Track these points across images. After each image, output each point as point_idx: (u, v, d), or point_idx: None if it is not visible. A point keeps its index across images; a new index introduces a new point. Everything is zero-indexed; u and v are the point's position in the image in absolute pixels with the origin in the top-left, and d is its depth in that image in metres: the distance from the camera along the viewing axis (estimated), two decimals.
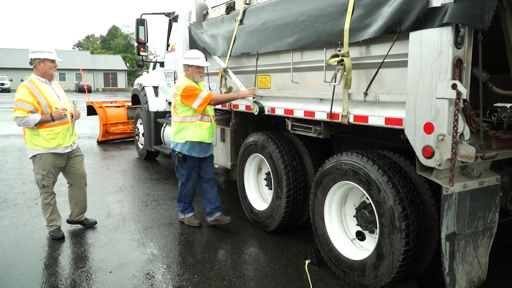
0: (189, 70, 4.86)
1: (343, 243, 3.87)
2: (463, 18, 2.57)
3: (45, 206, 4.75)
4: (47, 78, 4.56)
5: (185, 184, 5.09)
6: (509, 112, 2.92)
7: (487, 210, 3.08)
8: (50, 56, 4.49)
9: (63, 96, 4.75)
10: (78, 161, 4.92)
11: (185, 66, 4.88)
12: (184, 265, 4.15)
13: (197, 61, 4.84)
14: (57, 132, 4.54)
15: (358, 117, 3.47)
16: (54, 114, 4.45)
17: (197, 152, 4.92)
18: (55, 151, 4.59)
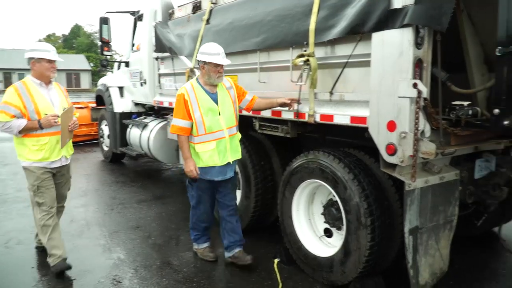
0: (204, 68, 3.80)
1: (311, 240, 3.93)
2: (423, 19, 2.67)
3: (43, 228, 3.93)
4: (44, 80, 3.87)
5: (195, 208, 4.19)
6: (466, 110, 3.05)
7: (447, 204, 3.20)
8: (46, 55, 3.82)
9: (61, 102, 3.99)
10: (61, 181, 4.15)
11: (200, 63, 3.83)
12: (152, 269, 4.10)
13: (216, 57, 3.74)
14: (44, 143, 3.83)
15: (324, 116, 3.54)
16: (42, 121, 3.74)
17: (212, 175, 3.90)
18: (40, 164, 3.88)
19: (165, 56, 6.25)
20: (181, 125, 3.79)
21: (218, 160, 3.83)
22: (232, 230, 4.13)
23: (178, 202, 6.27)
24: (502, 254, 4.35)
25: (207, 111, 3.77)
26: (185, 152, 3.85)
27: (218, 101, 3.83)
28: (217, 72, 3.77)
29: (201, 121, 3.76)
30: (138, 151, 7.61)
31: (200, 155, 3.82)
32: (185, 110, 3.76)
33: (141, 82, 7.33)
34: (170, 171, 8.61)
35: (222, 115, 3.83)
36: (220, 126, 3.81)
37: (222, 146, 3.84)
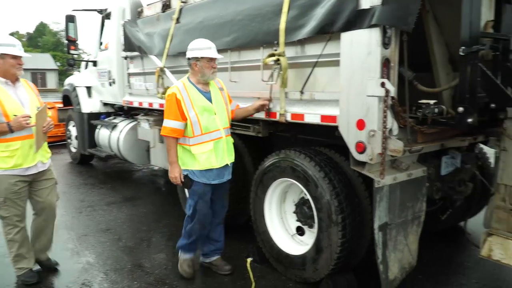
0: (197, 65, 3.55)
1: (283, 239, 3.95)
2: (390, 19, 2.72)
3: (9, 243, 3.67)
4: (9, 78, 3.48)
5: (191, 217, 3.77)
6: (432, 108, 3.14)
7: (415, 200, 3.28)
8: (11, 50, 3.40)
9: (31, 102, 3.58)
10: (44, 187, 3.75)
11: (192, 60, 3.58)
12: (123, 272, 4.03)
13: (209, 51, 3.55)
14: (15, 148, 3.43)
15: (295, 115, 3.56)
16: (13, 123, 3.33)
17: (209, 178, 3.66)
18: (12, 172, 3.47)
19: (134, 55, 6.15)
20: (174, 126, 3.54)
21: (215, 162, 3.61)
22: (215, 239, 3.99)
23: (149, 204, 6.19)
24: (468, 248, 4.49)
25: (202, 111, 3.55)
26: (172, 156, 3.61)
27: (212, 100, 3.63)
28: (211, 67, 3.57)
29: (197, 121, 3.53)
30: (107, 152, 7.47)
31: (197, 157, 3.56)
32: (178, 110, 3.51)
33: (109, 82, 7.20)
34: (141, 172, 8.49)
35: (218, 115, 3.63)
36: (216, 126, 3.61)
37: (219, 147, 3.64)
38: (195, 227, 3.77)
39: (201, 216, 3.73)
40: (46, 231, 3.93)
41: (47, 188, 3.79)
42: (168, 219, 5.46)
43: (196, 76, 3.61)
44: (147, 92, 5.95)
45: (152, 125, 5.96)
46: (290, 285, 3.73)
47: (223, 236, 4.04)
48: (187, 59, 3.63)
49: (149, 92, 5.88)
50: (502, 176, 3.25)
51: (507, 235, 3.24)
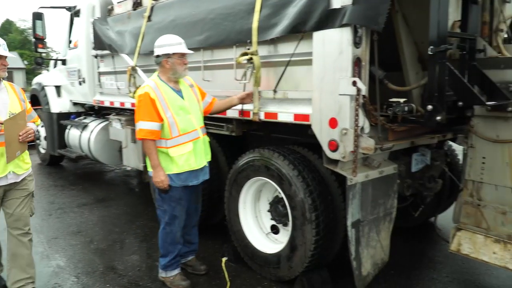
0: (168, 62, 3.40)
1: (258, 238, 3.95)
2: (360, 19, 2.76)
3: None
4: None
5: (169, 225, 3.57)
6: (402, 106, 3.19)
7: (387, 197, 3.34)
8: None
9: (10, 106, 3.22)
10: (13, 197, 3.30)
11: (162, 58, 3.41)
12: (94, 275, 3.95)
13: (180, 47, 3.44)
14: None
15: (269, 114, 3.57)
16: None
17: (186, 180, 3.51)
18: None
19: (105, 54, 6.04)
20: (151, 128, 3.33)
21: (195, 163, 3.48)
22: (190, 241, 3.91)
23: (122, 205, 6.09)
24: (438, 243, 4.60)
25: (178, 110, 3.41)
26: (155, 159, 3.39)
27: (184, 98, 3.51)
28: (183, 63, 3.44)
29: (174, 121, 3.37)
30: (78, 153, 7.30)
31: (175, 160, 3.40)
32: (154, 111, 3.32)
33: (79, 81, 7.03)
34: (113, 172, 8.34)
35: (192, 114, 3.51)
36: (193, 126, 3.49)
37: (198, 147, 3.52)
38: (176, 236, 3.61)
39: (182, 222, 3.62)
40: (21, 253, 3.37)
41: (19, 199, 3.35)
42: (142, 220, 5.39)
43: (167, 74, 3.46)
44: (119, 91, 5.85)
45: (124, 125, 5.86)
46: (265, 284, 3.74)
47: (197, 237, 3.97)
48: (155, 57, 3.46)
49: (121, 91, 5.79)
50: (469, 172, 3.34)
51: (475, 230, 3.34)
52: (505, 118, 3.06)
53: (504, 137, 3.10)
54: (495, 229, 3.23)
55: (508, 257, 3.12)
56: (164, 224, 3.61)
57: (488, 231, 3.26)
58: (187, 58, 3.53)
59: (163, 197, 3.53)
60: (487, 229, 3.27)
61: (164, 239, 3.63)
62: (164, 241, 3.64)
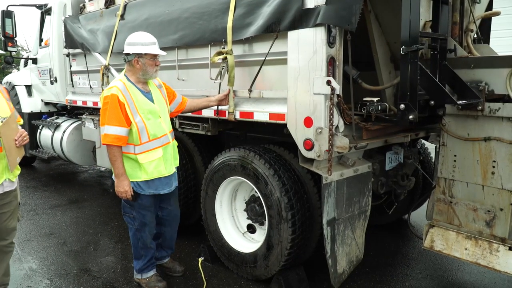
0: (139, 62, 3.22)
1: (234, 237, 3.94)
2: (334, 19, 2.78)
3: None
4: None
5: (139, 231, 3.46)
6: (376, 105, 3.23)
7: (361, 195, 3.38)
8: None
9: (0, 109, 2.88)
10: (4, 210, 2.98)
11: (133, 57, 3.22)
12: (68, 277, 3.87)
13: (153, 47, 3.25)
14: None
15: (244, 113, 3.56)
16: None
17: (157, 188, 3.39)
18: None
19: (77, 53, 5.90)
20: (118, 133, 3.14)
21: (164, 170, 3.35)
22: (169, 245, 3.83)
23: (96, 205, 5.97)
24: (412, 240, 4.69)
25: (147, 114, 3.24)
26: (120, 168, 3.21)
27: (154, 101, 3.34)
28: (154, 65, 3.26)
29: (144, 126, 3.20)
30: (50, 154, 7.13)
31: (144, 166, 3.24)
32: (122, 115, 3.13)
33: (51, 80, 6.86)
34: (86, 173, 8.18)
35: (162, 117, 3.36)
36: (163, 130, 3.34)
37: (168, 152, 3.39)
38: (147, 241, 3.51)
39: (151, 228, 3.53)
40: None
41: (10, 212, 3.02)
42: (117, 221, 5.30)
43: (136, 74, 3.28)
44: (92, 90, 5.73)
45: (97, 125, 5.76)
46: (242, 283, 3.73)
47: (175, 239, 3.90)
48: (125, 54, 3.25)
49: (94, 90, 5.67)
50: (442, 170, 3.41)
51: (447, 227, 3.41)
52: (475, 116, 3.13)
53: (474, 135, 3.17)
54: (467, 226, 3.30)
55: (479, 253, 3.19)
56: (134, 230, 3.49)
57: (460, 228, 3.34)
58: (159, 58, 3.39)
59: (131, 204, 3.39)
60: (459, 226, 3.34)
61: (135, 244, 3.54)
62: (136, 246, 3.55)
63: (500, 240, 3.12)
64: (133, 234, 3.51)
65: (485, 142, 3.12)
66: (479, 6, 3.94)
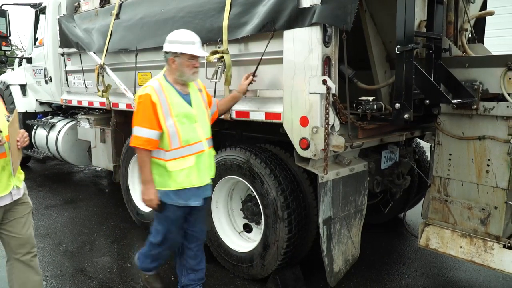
0: (175, 62, 2.92)
1: (231, 237, 3.94)
2: (329, 18, 2.78)
3: None
4: None
5: (159, 246, 3.17)
6: (371, 104, 3.24)
7: (357, 194, 3.39)
8: None
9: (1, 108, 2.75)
10: (17, 217, 2.76)
11: (170, 55, 2.94)
12: (64, 278, 3.85)
13: (192, 47, 2.92)
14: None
15: (240, 112, 3.56)
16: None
17: (186, 199, 3.02)
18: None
19: (72, 52, 5.88)
20: (149, 136, 2.86)
21: (196, 180, 3.01)
22: (195, 268, 3.32)
23: (92, 206, 5.95)
24: (407, 238, 4.71)
25: (182, 118, 2.93)
26: (147, 174, 2.93)
27: (192, 104, 3.02)
28: (192, 66, 2.94)
29: (175, 131, 2.90)
30: (45, 154, 7.11)
31: (174, 175, 2.94)
32: (154, 117, 2.86)
33: (46, 80, 6.83)
34: (82, 173, 8.14)
35: (199, 123, 3.03)
36: (198, 137, 3.01)
37: (201, 161, 3.04)
38: (164, 254, 3.27)
39: (172, 244, 3.22)
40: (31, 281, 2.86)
41: (22, 218, 2.80)
42: (113, 221, 5.29)
43: (174, 75, 2.98)
44: (87, 90, 5.71)
45: (93, 125, 5.75)
46: (238, 283, 3.73)
47: (204, 261, 3.39)
48: (164, 52, 2.99)
49: (89, 90, 5.66)
50: (437, 169, 3.42)
51: (442, 225, 3.43)
52: (470, 115, 3.15)
53: (469, 134, 3.19)
54: (462, 224, 3.32)
55: (474, 251, 3.21)
56: (153, 242, 3.16)
57: (455, 226, 3.36)
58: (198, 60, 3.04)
59: (156, 216, 3.09)
60: (454, 224, 3.36)
61: (148, 254, 3.26)
62: (147, 255, 3.27)
63: (495, 238, 3.14)
64: (151, 244, 3.20)
65: (480, 141, 3.14)
66: (473, 5, 3.96)
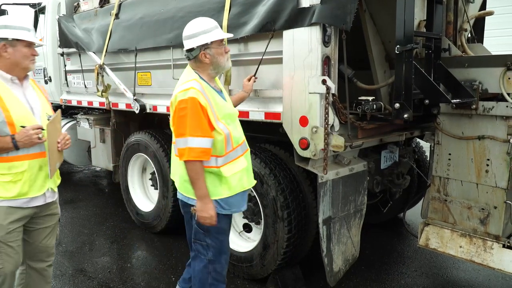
0: (208, 54, 2.56)
1: (231, 236, 3.86)
2: (329, 18, 2.78)
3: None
4: (17, 74, 2.52)
5: (213, 262, 2.73)
6: (371, 104, 3.24)
7: (357, 194, 3.39)
8: (25, 35, 2.47)
9: (43, 107, 2.62)
10: (43, 226, 2.67)
11: (198, 51, 2.56)
12: (64, 278, 3.85)
13: (218, 32, 2.59)
14: (20, 171, 2.45)
15: (240, 112, 3.52)
16: (19, 137, 2.38)
17: (237, 205, 2.74)
18: (13, 204, 2.46)
19: (71, 52, 5.88)
20: (204, 145, 2.47)
21: (246, 183, 2.75)
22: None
23: (91, 205, 5.95)
24: (407, 238, 4.71)
25: (227, 119, 2.64)
26: (203, 188, 2.54)
27: (226, 100, 2.77)
28: (224, 52, 2.63)
29: (228, 133, 2.60)
30: None
31: (228, 181, 2.61)
32: (207, 123, 2.49)
33: (45, 80, 6.83)
34: (81, 173, 8.14)
35: (237, 120, 2.80)
36: (242, 135, 2.79)
37: (249, 161, 2.80)
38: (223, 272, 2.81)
39: (228, 256, 2.84)
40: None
41: (48, 228, 2.71)
42: (112, 221, 5.29)
43: (207, 70, 2.62)
44: (86, 90, 5.71)
45: (92, 125, 5.74)
46: (238, 282, 3.74)
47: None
48: (187, 51, 2.61)
49: (88, 90, 5.65)
50: (436, 169, 3.42)
51: (442, 225, 3.43)
52: (470, 115, 3.16)
53: (468, 134, 3.19)
54: (461, 224, 3.33)
55: (473, 250, 3.22)
56: (206, 262, 2.73)
57: (455, 226, 3.36)
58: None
59: (205, 230, 2.65)
60: (453, 224, 3.36)
61: (204, 279, 2.76)
62: (204, 282, 2.76)
63: (494, 237, 3.15)
64: (203, 267, 2.75)
65: (479, 140, 3.14)
66: (472, 5, 3.96)
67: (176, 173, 2.76)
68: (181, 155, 2.52)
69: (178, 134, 2.53)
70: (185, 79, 2.60)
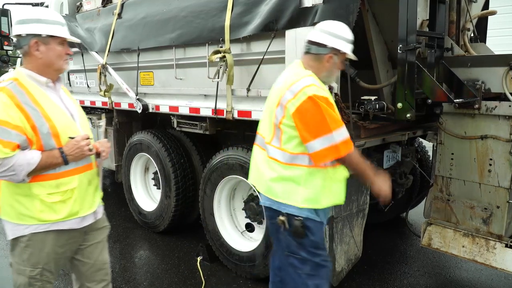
0: (330, 60, 2.34)
1: (233, 236, 3.95)
2: (331, 18, 2.76)
3: None
4: (50, 76, 2.20)
5: (313, 277, 2.41)
6: (374, 104, 3.24)
7: (359, 193, 3.39)
8: (59, 31, 2.14)
9: (79, 113, 2.37)
10: (95, 241, 2.41)
11: (327, 50, 2.33)
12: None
13: (350, 46, 2.40)
14: (71, 188, 2.17)
15: (242, 112, 3.56)
16: (68, 149, 2.11)
17: (328, 212, 2.63)
18: (63, 226, 2.18)
19: (74, 51, 5.88)
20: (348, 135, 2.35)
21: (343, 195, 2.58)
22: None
23: None
24: (410, 238, 4.70)
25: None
26: (368, 169, 2.40)
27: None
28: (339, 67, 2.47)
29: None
30: None
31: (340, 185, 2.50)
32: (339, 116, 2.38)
33: None
34: None
35: None
36: None
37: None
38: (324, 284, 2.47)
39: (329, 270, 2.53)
40: None
41: (100, 243, 2.45)
42: (115, 221, 5.29)
43: (320, 73, 2.38)
44: (89, 89, 5.72)
45: (95, 124, 5.75)
46: (241, 282, 3.74)
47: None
48: (314, 44, 2.36)
49: (91, 89, 5.66)
50: (439, 168, 3.42)
51: (445, 224, 3.42)
52: (472, 115, 3.15)
53: (471, 134, 3.19)
54: (464, 223, 3.32)
55: (476, 250, 3.21)
56: (305, 277, 2.41)
57: (457, 225, 3.35)
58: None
59: (299, 242, 2.38)
60: (456, 223, 3.36)
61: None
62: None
63: (497, 237, 3.14)
64: (302, 284, 2.42)
65: (482, 140, 3.14)
66: (475, 5, 3.95)
67: (262, 177, 2.47)
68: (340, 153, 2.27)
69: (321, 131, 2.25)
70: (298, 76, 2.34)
